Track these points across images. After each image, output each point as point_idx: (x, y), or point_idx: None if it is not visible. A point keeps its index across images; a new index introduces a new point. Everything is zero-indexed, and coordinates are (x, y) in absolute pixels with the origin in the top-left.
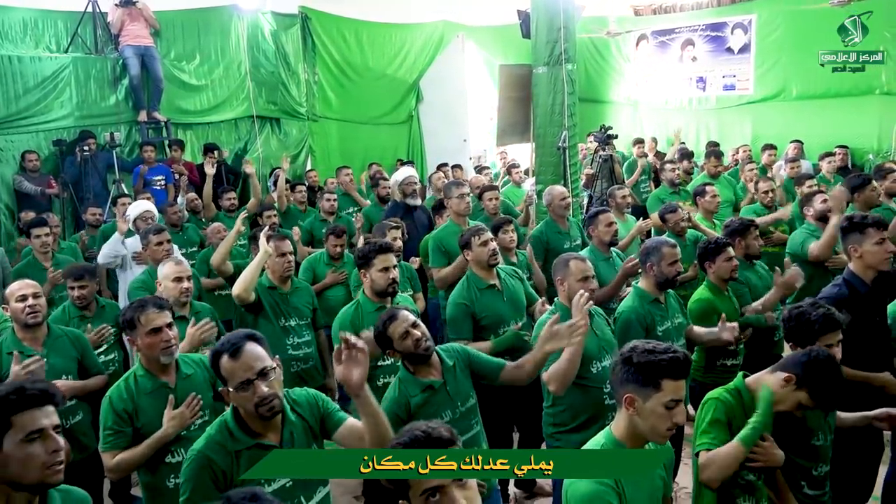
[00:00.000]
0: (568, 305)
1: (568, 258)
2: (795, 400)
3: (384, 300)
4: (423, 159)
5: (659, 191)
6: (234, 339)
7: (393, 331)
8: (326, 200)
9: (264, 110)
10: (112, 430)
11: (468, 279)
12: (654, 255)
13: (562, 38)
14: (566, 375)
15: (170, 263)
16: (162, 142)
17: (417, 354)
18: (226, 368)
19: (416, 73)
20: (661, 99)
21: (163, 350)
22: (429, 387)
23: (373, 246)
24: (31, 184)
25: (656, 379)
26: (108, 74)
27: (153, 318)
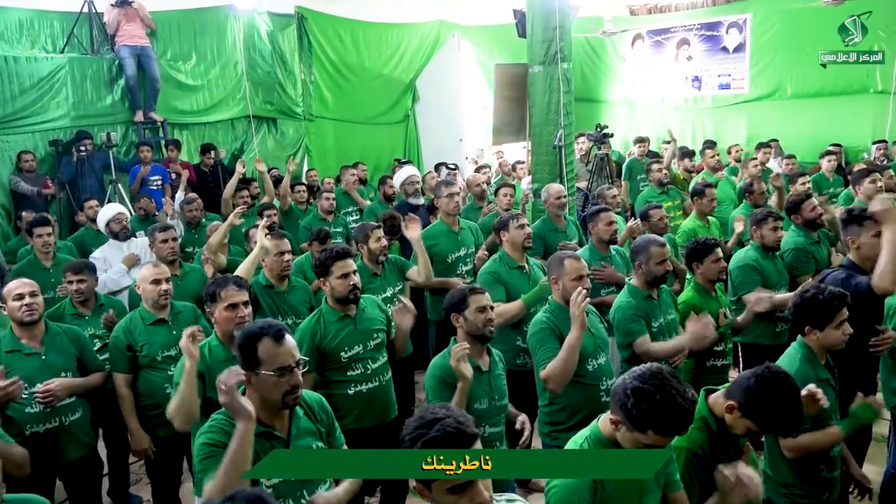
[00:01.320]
0: (562, 304)
1: (563, 256)
2: (744, 426)
3: (347, 308)
4: (420, 159)
5: (646, 192)
6: (275, 325)
7: (474, 300)
8: (325, 199)
9: (261, 110)
10: None
11: (500, 257)
12: (643, 254)
13: (557, 37)
14: (564, 373)
15: (147, 266)
16: (158, 142)
17: (482, 334)
18: (267, 351)
19: (412, 72)
20: (657, 98)
21: (237, 325)
22: (476, 368)
23: (329, 253)
24: (28, 184)
25: (645, 426)
26: (105, 75)
27: (232, 295)
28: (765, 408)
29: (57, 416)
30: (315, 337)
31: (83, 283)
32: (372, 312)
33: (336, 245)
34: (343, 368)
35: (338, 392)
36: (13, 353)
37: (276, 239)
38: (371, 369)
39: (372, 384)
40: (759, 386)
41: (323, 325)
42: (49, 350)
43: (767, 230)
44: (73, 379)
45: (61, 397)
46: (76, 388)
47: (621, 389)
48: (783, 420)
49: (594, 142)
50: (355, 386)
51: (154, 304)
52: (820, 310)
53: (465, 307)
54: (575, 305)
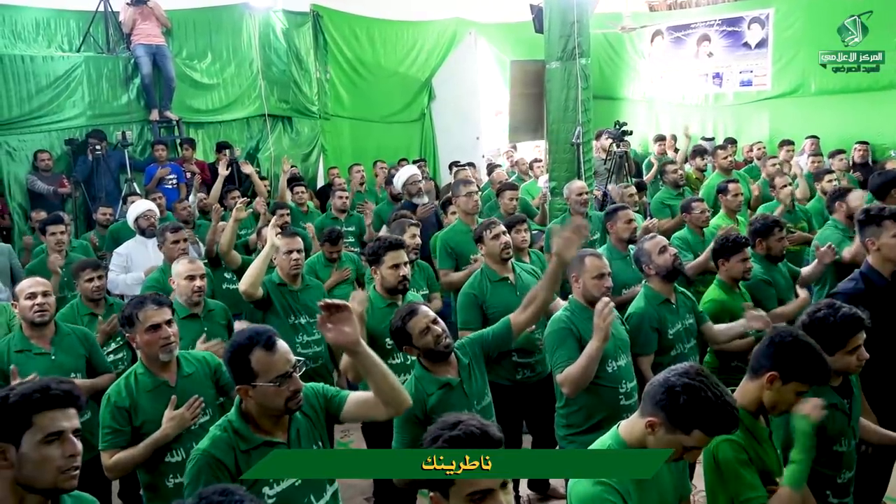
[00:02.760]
0: (583, 303)
1: (583, 254)
2: (791, 393)
3: (395, 297)
4: (436, 157)
5: (661, 193)
6: (262, 331)
7: (413, 326)
8: (339, 198)
9: (276, 109)
10: (110, 428)
11: (482, 271)
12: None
13: (575, 33)
14: (583, 377)
15: (183, 261)
16: (174, 141)
17: (437, 351)
18: (261, 362)
19: (428, 70)
20: (677, 95)
21: (162, 347)
22: (446, 384)
23: (383, 242)
24: (44, 183)
25: (691, 426)
26: (120, 73)
27: (151, 315)
28: (801, 358)
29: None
30: (362, 322)
31: (101, 280)
32: None
33: (388, 235)
34: (384, 355)
35: None
36: (23, 352)
37: (286, 237)
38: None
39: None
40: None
41: (371, 308)
42: (59, 350)
43: (774, 241)
44: (83, 380)
45: None
46: (86, 390)
47: (663, 389)
48: (821, 363)
49: (613, 139)
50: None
51: (188, 300)
52: (831, 334)
53: (410, 337)
54: (600, 317)
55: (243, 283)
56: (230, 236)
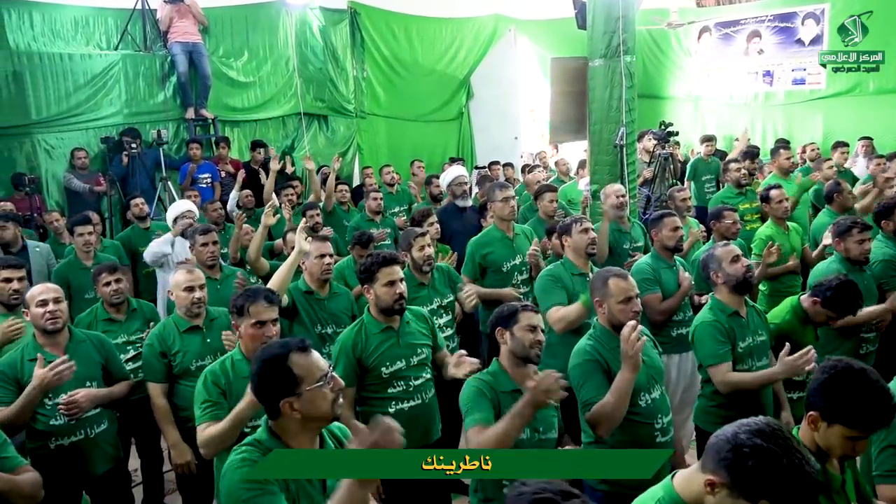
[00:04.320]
0: (609, 329)
1: (607, 275)
2: (838, 438)
3: (391, 319)
4: (473, 157)
5: (723, 192)
6: (293, 339)
7: (527, 317)
8: (373, 200)
9: (312, 107)
10: (209, 401)
11: (563, 263)
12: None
13: (620, 29)
14: (616, 415)
15: (181, 272)
16: (209, 139)
17: (527, 355)
18: (302, 365)
19: (466, 68)
20: (725, 94)
21: (262, 343)
22: (517, 391)
23: (376, 258)
24: (80, 181)
25: (757, 496)
26: (157, 71)
27: (261, 311)
28: (850, 394)
29: (82, 428)
30: (356, 349)
31: (120, 283)
32: (416, 326)
33: (382, 250)
34: (384, 385)
35: (377, 410)
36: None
37: (317, 241)
38: (413, 386)
39: (414, 402)
40: (832, 376)
41: (364, 336)
42: (73, 358)
43: (853, 242)
44: (99, 389)
45: (86, 408)
46: (102, 398)
47: (729, 445)
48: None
49: (658, 140)
50: (396, 404)
51: (187, 312)
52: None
53: (513, 323)
54: (628, 344)
55: None
56: (259, 243)
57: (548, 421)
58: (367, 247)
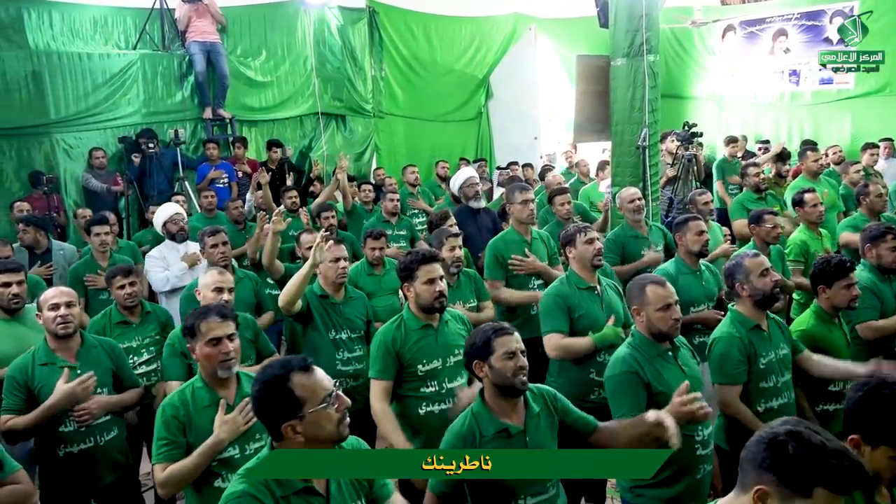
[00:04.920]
0: (648, 337)
1: (644, 282)
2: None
3: (431, 317)
4: (492, 157)
5: (742, 196)
6: (293, 358)
7: (501, 344)
8: (389, 201)
9: (330, 107)
10: (166, 439)
11: (568, 277)
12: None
13: (643, 27)
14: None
15: (212, 272)
16: (226, 139)
17: (512, 385)
18: (304, 386)
19: (485, 67)
20: (750, 94)
21: (221, 363)
22: (504, 430)
23: (416, 256)
24: (98, 181)
25: (810, 486)
26: (175, 71)
27: (214, 328)
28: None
29: (91, 435)
30: (395, 343)
31: (134, 287)
32: (455, 326)
33: (424, 248)
34: (417, 383)
35: (407, 410)
36: (47, 365)
37: (333, 244)
38: (447, 389)
39: (445, 405)
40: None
41: (403, 331)
42: (84, 364)
43: (886, 249)
44: (110, 396)
45: (97, 416)
46: (113, 406)
47: (763, 444)
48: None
49: (681, 141)
50: (427, 405)
51: None
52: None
53: (489, 353)
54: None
55: (282, 298)
56: (271, 248)
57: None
58: (379, 238)
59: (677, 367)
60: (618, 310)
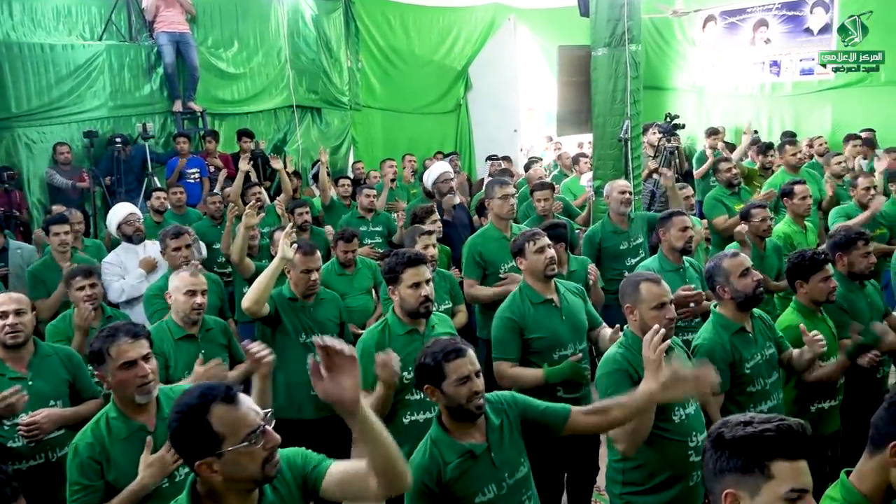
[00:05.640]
0: (641, 337)
1: (638, 280)
2: None
3: (417, 322)
4: (472, 150)
5: (715, 192)
6: (216, 386)
7: (454, 368)
8: (366, 196)
9: (305, 99)
10: (79, 484)
11: (521, 291)
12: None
13: (625, 16)
14: (637, 435)
15: (183, 273)
16: (197, 133)
17: (466, 410)
18: (225, 420)
19: (464, 59)
20: (731, 85)
21: (139, 388)
22: (468, 452)
23: (401, 258)
24: (63, 177)
25: (762, 460)
26: (143, 63)
27: (126, 350)
28: None
29: (43, 451)
30: (379, 349)
31: (95, 289)
32: (442, 330)
33: (408, 249)
34: (402, 390)
35: (390, 417)
36: None
37: (304, 254)
38: None
39: (431, 414)
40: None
41: (388, 336)
42: (36, 375)
43: (858, 256)
44: (64, 409)
45: (48, 430)
46: (67, 419)
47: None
48: None
49: (663, 133)
50: (411, 413)
51: (185, 318)
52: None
53: (441, 379)
54: (649, 349)
55: (246, 300)
56: (241, 245)
57: (511, 461)
58: (351, 241)
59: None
60: (580, 320)
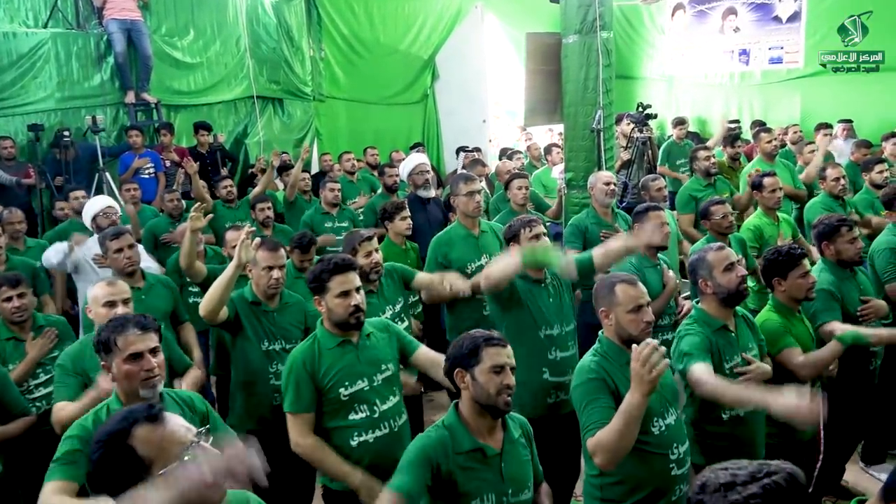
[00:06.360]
0: (618, 343)
1: (613, 281)
2: None
3: (348, 332)
4: (440, 142)
5: (690, 183)
6: (136, 409)
7: (492, 355)
8: (329, 191)
9: (266, 90)
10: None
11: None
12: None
13: (596, 2)
14: (619, 448)
15: (100, 283)
16: (152, 125)
17: (494, 406)
18: (149, 442)
19: (431, 48)
20: (700, 74)
21: (144, 381)
22: (479, 450)
23: (327, 264)
24: (7, 173)
25: None
26: (92, 52)
27: (133, 341)
28: None
29: None
30: (307, 366)
31: (23, 298)
32: (379, 338)
33: (335, 254)
34: (344, 410)
35: (337, 443)
36: None
37: (268, 250)
38: (380, 412)
39: (381, 432)
40: None
41: (318, 352)
42: None
43: (844, 243)
44: None
45: None
46: None
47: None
48: None
49: (635, 123)
50: (360, 434)
51: None
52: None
53: (475, 363)
54: (644, 366)
55: (203, 306)
56: (189, 248)
57: (519, 480)
58: (308, 251)
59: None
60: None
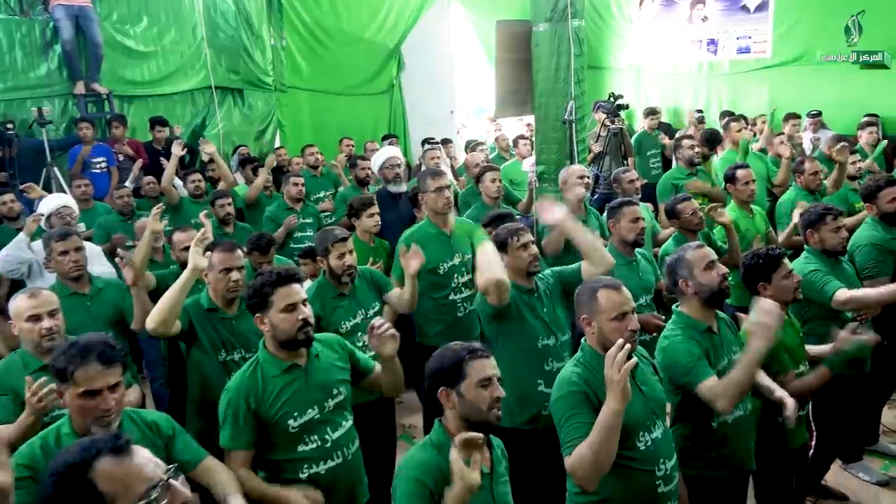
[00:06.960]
0: (601, 353)
1: (595, 287)
2: None
3: (295, 354)
4: (406, 133)
5: (672, 172)
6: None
7: (477, 369)
8: (293, 185)
9: (224, 80)
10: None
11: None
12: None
13: None
14: (597, 464)
15: (21, 297)
16: (103, 117)
17: (485, 421)
18: (112, 478)
19: (397, 36)
20: (668, 64)
21: (97, 419)
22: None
23: (268, 277)
24: None
25: None
26: (37, 39)
27: (93, 377)
28: None
29: None
30: (250, 398)
31: None
32: (329, 358)
33: (276, 266)
34: (292, 443)
35: (286, 477)
36: None
37: (222, 251)
38: (331, 441)
39: (333, 462)
40: None
41: (261, 381)
42: None
43: (828, 232)
44: None
45: None
46: None
47: None
48: None
49: (607, 114)
50: (310, 467)
51: (36, 347)
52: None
53: (460, 380)
54: (613, 367)
55: (151, 319)
56: (144, 253)
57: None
58: (268, 252)
59: (635, 387)
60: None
